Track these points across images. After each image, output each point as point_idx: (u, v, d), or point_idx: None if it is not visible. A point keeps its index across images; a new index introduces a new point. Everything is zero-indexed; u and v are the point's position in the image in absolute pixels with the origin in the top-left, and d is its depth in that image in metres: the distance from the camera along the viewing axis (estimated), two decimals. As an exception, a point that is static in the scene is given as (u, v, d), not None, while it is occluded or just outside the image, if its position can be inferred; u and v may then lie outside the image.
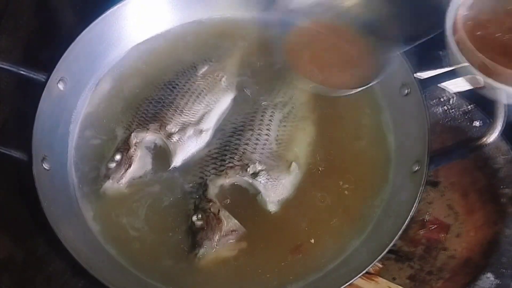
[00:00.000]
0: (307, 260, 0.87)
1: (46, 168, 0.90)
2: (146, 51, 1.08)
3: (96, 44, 1.03)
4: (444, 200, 1.09)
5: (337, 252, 0.87)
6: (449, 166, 1.07)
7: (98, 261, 0.86)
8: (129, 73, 1.06)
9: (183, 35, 1.10)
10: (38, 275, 1.01)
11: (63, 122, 0.98)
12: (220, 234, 0.86)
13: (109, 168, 0.92)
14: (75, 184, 0.94)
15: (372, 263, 0.80)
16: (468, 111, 1.07)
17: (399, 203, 0.89)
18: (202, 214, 0.87)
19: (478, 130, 1.06)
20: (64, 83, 0.97)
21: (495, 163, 1.04)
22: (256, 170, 0.90)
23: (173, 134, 0.94)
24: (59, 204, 0.88)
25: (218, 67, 1.04)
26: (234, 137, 0.95)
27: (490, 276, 0.95)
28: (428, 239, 1.05)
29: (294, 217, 0.90)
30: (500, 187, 1.02)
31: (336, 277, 0.84)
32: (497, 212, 1.01)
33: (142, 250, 0.88)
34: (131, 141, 0.94)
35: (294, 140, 0.96)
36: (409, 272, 1.02)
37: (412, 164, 0.89)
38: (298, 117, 0.98)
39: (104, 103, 1.02)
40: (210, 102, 0.99)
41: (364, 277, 0.90)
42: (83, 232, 0.89)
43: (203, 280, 0.86)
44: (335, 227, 0.89)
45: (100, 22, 1.02)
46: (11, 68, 0.94)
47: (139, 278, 0.87)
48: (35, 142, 0.89)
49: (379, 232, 0.88)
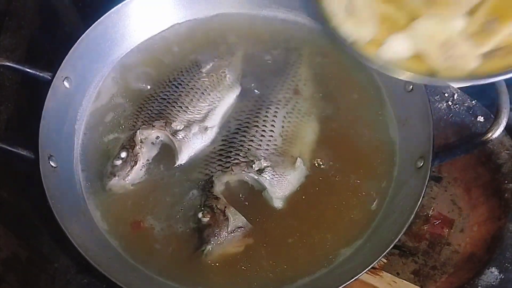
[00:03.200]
0: (313, 256, 0.87)
1: (53, 166, 0.91)
2: (150, 49, 1.09)
3: (100, 42, 1.04)
4: (447, 195, 1.09)
5: (343, 247, 0.88)
6: (452, 162, 1.07)
7: (106, 257, 0.86)
8: (133, 71, 1.06)
9: (187, 33, 1.10)
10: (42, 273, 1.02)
11: (69, 120, 0.99)
12: (226, 231, 0.86)
13: (115, 166, 0.93)
14: (81, 181, 0.95)
15: (377, 258, 0.81)
16: (472, 106, 1.08)
17: (403, 198, 0.89)
18: (209, 211, 0.87)
19: (481, 125, 1.07)
20: (69, 81, 0.98)
21: (499, 158, 1.04)
22: (262, 167, 0.91)
23: (179, 132, 0.95)
24: (66, 201, 0.89)
25: (222, 64, 1.04)
26: (239, 133, 0.95)
27: (494, 271, 0.95)
28: (431, 234, 1.05)
29: (299, 213, 0.90)
30: (503, 182, 1.03)
31: (342, 272, 0.84)
32: (501, 207, 1.02)
33: (149, 247, 0.89)
34: (137, 139, 0.94)
35: (299, 135, 0.96)
36: (413, 267, 1.03)
37: (416, 159, 0.89)
38: (302, 112, 0.99)
39: (109, 101, 1.03)
40: (214, 99, 1.00)
41: (369, 272, 0.90)
42: (90, 229, 0.90)
43: (210, 276, 0.86)
44: (340, 222, 0.90)
45: (104, 20, 1.03)
46: (17, 66, 0.94)
47: (146, 274, 0.87)
48: (41, 140, 0.89)
49: (384, 227, 0.88)
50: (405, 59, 0.76)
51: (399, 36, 0.74)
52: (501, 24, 0.69)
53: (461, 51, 0.71)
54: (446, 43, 0.71)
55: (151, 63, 1.06)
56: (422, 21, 0.71)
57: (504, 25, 0.69)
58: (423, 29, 0.72)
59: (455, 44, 0.71)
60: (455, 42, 0.71)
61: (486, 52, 0.71)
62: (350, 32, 0.77)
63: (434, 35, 0.72)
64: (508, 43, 0.70)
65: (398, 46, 0.75)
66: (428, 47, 0.73)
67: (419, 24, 0.72)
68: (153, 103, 0.99)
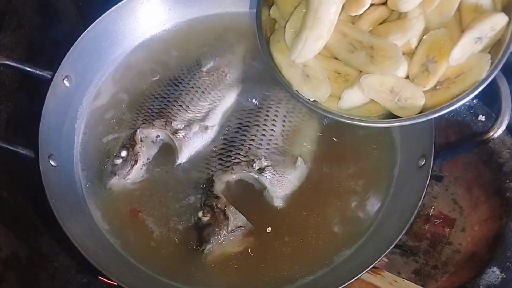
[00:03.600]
0: (314, 255, 0.87)
1: (53, 165, 0.90)
2: (150, 48, 1.09)
3: (100, 41, 1.03)
4: (448, 194, 1.09)
5: (344, 246, 0.88)
6: (453, 161, 1.07)
7: (106, 257, 0.86)
8: (133, 69, 1.06)
9: (188, 31, 1.10)
10: (42, 272, 1.02)
11: (69, 119, 0.98)
12: (227, 230, 0.86)
13: (115, 165, 0.93)
14: (81, 180, 0.95)
15: (379, 258, 0.80)
16: (473, 105, 1.08)
17: (405, 197, 0.89)
18: (209, 210, 0.87)
19: (482, 125, 1.06)
20: (69, 80, 0.98)
21: (500, 157, 1.04)
22: (262, 166, 0.90)
23: (179, 131, 0.94)
24: (66, 200, 0.89)
25: (222, 63, 1.04)
26: (240, 133, 0.95)
27: (495, 270, 0.95)
28: (432, 234, 1.05)
29: (300, 212, 0.90)
30: (505, 181, 1.03)
31: (344, 271, 0.84)
32: (502, 206, 1.01)
33: (149, 246, 0.89)
34: (137, 137, 0.94)
35: (299, 135, 0.96)
36: (414, 267, 1.03)
37: (418, 158, 0.89)
38: (303, 112, 0.98)
39: (109, 100, 1.03)
40: (215, 98, 0.99)
41: (370, 271, 0.90)
42: (90, 228, 0.90)
43: (210, 275, 0.86)
44: (341, 221, 0.89)
45: (104, 19, 1.02)
46: (17, 65, 0.94)
47: (146, 273, 0.87)
48: (41, 139, 0.89)
49: (385, 227, 0.88)
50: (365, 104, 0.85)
51: (352, 90, 0.83)
52: (438, 63, 0.78)
53: (408, 93, 0.80)
54: (393, 89, 0.80)
55: (151, 62, 1.06)
56: (368, 76, 0.80)
57: (441, 64, 0.78)
58: (369, 82, 0.80)
59: (401, 88, 0.80)
60: (401, 87, 0.80)
61: (430, 89, 0.80)
62: (309, 95, 0.85)
63: (381, 85, 0.80)
64: (447, 77, 0.79)
65: (354, 98, 0.84)
66: (378, 96, 0.82)
67: (366, 79, 0.80)
68: (154, 102, 0.99)
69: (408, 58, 0.81)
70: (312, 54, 0.82)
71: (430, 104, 0.80)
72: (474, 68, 0.77)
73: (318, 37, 0.80)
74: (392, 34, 0.80)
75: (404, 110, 0.81)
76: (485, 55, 0.77)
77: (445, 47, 0.78)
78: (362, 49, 0.80)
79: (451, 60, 0.78)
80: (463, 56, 0.78)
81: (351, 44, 0.81)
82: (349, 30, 0.82)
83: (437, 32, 0.79)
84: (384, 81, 0.80)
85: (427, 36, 0.80)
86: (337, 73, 0.85)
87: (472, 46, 0.77)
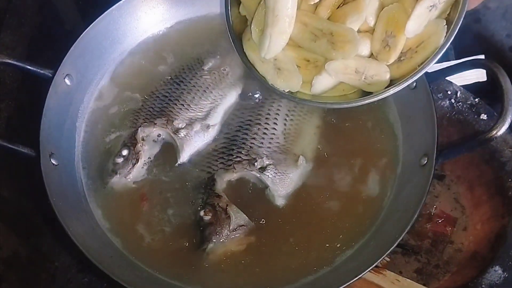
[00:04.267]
0: (316, 254, 0.86)
1: (54, 164, 0.90)
2: (152, 46, 1.08)
3: (101, 40, 1.03)
4: (450, 193, 1.09)
5: (346, 246, 0.87)
6: (455, 160, 1.07)
7: (107, 256, 0.86)
8: (135, 68, 1.05)
9: (189, 30, 1.10)
10: (43, 272, 1.01)
11: (70, 117, 0.98)
12: (228, 229, 0.86)
13: (116, 163, 0.92)
14: (82, 179, 0.94)
15: (381, 257, 0.80)
16: (475, 104, 1.07)
17: (407, 196, 0.88)
18: (210, 209, 0.87)
19: (484, 123, 1.06)
20: (70, 78, 0.97)
21: (502, 156, 1.04)
22: (264, 165, 0.90)
23: (180, 130, 0.94)
24: (67, 199, 0.88)
25: (224, 62, 1.04)
26: (241, 131, 0.95)
27: (498, 269, 0.95)
28: (434, 233, 1.05)
29: (302, 211, 0.89)
30: (507, 180, 1.03)
31: (346, 271, 0.84)
32: (504, 205, 1.01)
33: (151, 245, 0.88)
34: (138, 136, 0.93)
35: (301, 133, 0.96)
36: (416, 266, 1.03)
37: (420, 157, 0.89)
38: (305, 110, 0.98)
39: (110, 98, 1.02)
40: (216, 97, 0.99)
41: (372, 270, 0.89)
42: (92, 227, 0.89)
43: (212, 275, 0.86)
44: (343, 221, 0.89)
45: (105, 17, 1.02)
46: (18, 63, 0.93)
47: (147, 272, 0.87)
48: (42, 138, 0.89)
49: (387, 226, 0.88)
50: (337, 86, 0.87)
51: (321, 77, 0.84)
52: (396, 37, 0.79)
53: (372, 71, 0.82)
54: (357, 70, 0.82)
55: (152, 61, 1.06)
56: (331, 62, 0.82)
57: (399, 37, 0.79)
58: (334, 68, 0.82)
59: (364, 68, 0.82)
60: (364, 66, 0.82)
61: (395, 61, 0.81)
62: (283, 86, 0.86)
63: (346, 68, 0.82)
64: (409, 47, 0.80)
65: (324, 83, 0.85)
66: (345, 78, 0.84)
67: (330, 65, 0.82)
68: (155, 100, 0.98)
69: (371, 35, 0.82)
70: (279, 48, 0.83)
71: (398, 75, 0.81)
72: (432, 36, 0.78)
73: (281, 33, 0.81)
74: (349, 17, 0.81)
75: (373, 86, 0.83)
76: (441, 21, 0.78)
77: (400, 21, 0.79)
78: (323, 37, 0.81)
79: (406, 32, 0.78)
80: (420, 26, 0.78)
81: (313, 33, 0.82)
82: (309, 19, 0.83)
83: (391, 8, 0.80)
84: (348, 64, 0.82)
85: (383, 13, 0.81)
86: (306, 60, 0.86)
87: (427, 14, 0.78)
